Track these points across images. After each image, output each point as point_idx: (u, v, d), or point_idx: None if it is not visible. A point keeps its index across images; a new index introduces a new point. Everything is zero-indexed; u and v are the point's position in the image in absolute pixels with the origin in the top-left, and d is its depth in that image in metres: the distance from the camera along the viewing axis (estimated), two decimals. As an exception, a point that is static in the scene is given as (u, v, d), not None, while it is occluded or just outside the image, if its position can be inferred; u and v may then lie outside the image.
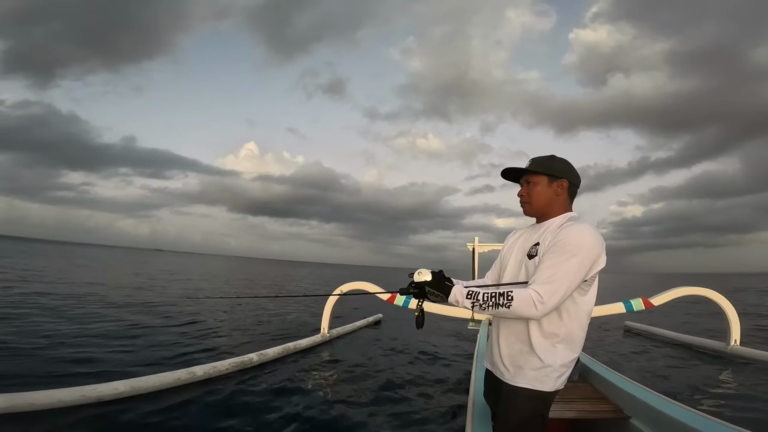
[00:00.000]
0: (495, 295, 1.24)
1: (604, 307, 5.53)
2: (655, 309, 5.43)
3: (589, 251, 1.23)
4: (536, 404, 1.30)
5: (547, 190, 1.38)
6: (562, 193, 1.38)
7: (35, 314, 6.39)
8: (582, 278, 1.24)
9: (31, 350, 4.31)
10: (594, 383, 2.70)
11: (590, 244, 1.24)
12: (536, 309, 1.19)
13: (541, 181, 1.39)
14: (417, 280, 1.34)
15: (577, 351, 1.32)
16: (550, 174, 1.38)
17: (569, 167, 1.40)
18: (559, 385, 1.30)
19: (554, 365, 1.27)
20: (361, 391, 3.72)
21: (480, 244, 7.17)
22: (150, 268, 25.60)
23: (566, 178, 1.38)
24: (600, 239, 1.27)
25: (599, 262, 1.26)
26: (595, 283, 1.32)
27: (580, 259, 1.22)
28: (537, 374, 1.27)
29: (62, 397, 2.80)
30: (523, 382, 1.29)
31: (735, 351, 5.38)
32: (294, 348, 5.11)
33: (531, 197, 1.41)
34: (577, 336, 1.31)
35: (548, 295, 1.19)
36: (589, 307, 1.33)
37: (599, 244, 1.26)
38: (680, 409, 1.84)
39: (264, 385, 3.75)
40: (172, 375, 3.50)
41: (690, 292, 5.62)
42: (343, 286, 6.02)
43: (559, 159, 1.41)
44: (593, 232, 1.26)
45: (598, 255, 1.26)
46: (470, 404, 2.13)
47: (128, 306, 8.30)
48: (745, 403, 3.54)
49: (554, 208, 1.39)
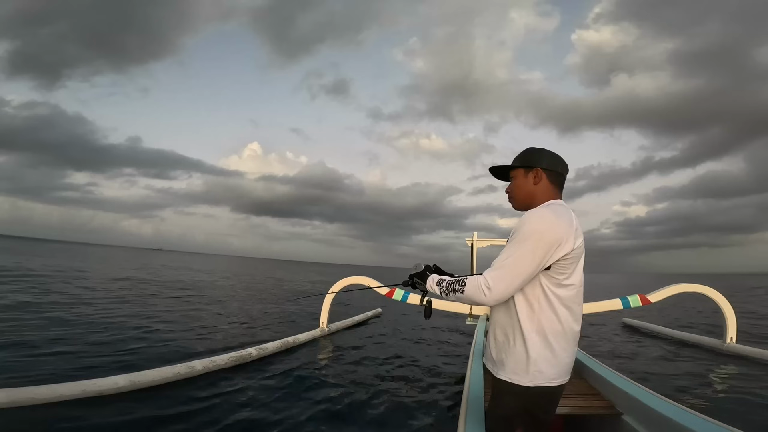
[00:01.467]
0: (453, 281, 1.31)
1: (600, 303, 5.56)
2: (652, 305, 5.46)
3: (541, 236, 1.18)
4: (517, 399, 1.26)
5: (525, 181, 1.36)
6: (540, 181, 1.34)
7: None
8: (538, 265, 1.19)
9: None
10: (587, 379, 2.73)
11: (543, 228, 1.19)
12: (484, 295, 1.20)
13: (518, 174, 1.39)
14: (411, 273, 1.50)
15: (560, 346, 1.24)
16: (523, 165, 1.37)
17: (542, 154, 1.36)
18: (543, 382, 1.24)
19: (531, 358, 1.23)
20: (359, 385, 3.76)
21: (479, 239, 7.18)
22: (154, 265, 25.65)
23: (539, 165, 1.34)
24: (559, 222, 1.20)
25: (561, 247, 1.19)
26: (574, 275, 1.25)
27: (531, 243, 1.18)
28: (515, 368, 1.25)
29: (63, 391, 2.83)
30: (504, 375, 1.28)
31: (731, 348, 5.42)
32: (293, 342, 5.15)
33: (513, 191, 1.41)
34: (557, 330, 1.23)
35: (495, 280, 1.18)
36: (568, 300, 1.25)
37: (556, 228, 1.19)
38: (672, 406, 1.86)
39: (263, 379, 3.79)
40: (172, 369, 3.53)
41: (687, 289, 5.65)
42: (342, 281, 6.06)
43: (532, 149, 1.39)
44: (549, 215, 1.21)
45: (558, 239, 1.18)
46: (464, 399, 2.15)
47: (121, 303, 8.34)
48: (738, 400, 3.56)
49: (537, 199, 1.34)
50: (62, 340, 4.64)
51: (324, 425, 2.88)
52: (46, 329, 5.08)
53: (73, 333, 5.03)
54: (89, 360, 4.00)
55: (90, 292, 9.10)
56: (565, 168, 1.38)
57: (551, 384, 1.25)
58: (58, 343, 4.45)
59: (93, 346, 4.50)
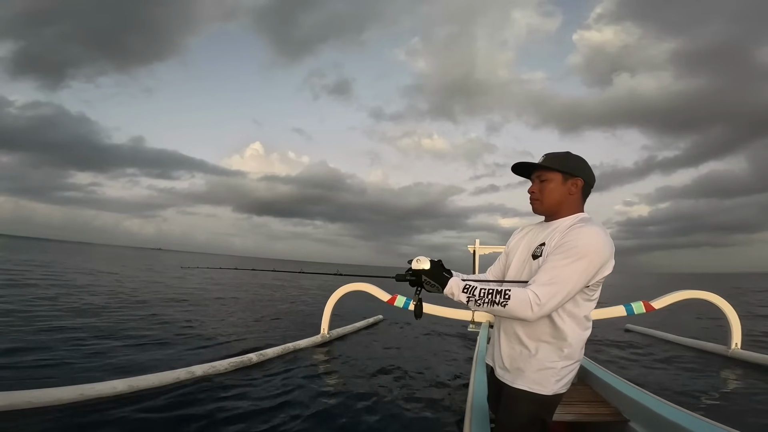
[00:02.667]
0: (492, 292, 1.19)
1: (604, 309, 5.52)
2: (656, 311, 5.41)
3: (597, 255, 1.17)
4: (536, 408, 1.26)
5: (561, 188, 1.30)
6: (575, 192, 1.30)
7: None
8: (585, 283, 1.19)
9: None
10: (593, 386, 2.69)
11: (599, 247, 1.18)
12: (532, 311, 1.14)
13: (554, 178, 1.31)
14: (415, 268, 1.32)
15: (577, 354, 1.28)
16: (564, 171, 1.30)
17: (585, 165, 1.33)
18: (560, 389, 1.26)
19: (554, 368, 1.24)
20: (360, 392, 3.71)
21: (481, 246, 7.14)
22: (160, 265, 25.66)
23: (581, 176, 1.30)
24: (610, 243, 1.21)
25: (606, 267, 1.21)
26: (599, 288, 1.28)
27: (586, 262, 1.16)
28: (536, 377, 1.24)
29: (61, 395, 2.81)
30: (522, 384, 1.26)
31: (736, 354, 5.36)
32: (293, 348, 5.10)
33: (543, 195, 1.33)
34: (578, 339, 1.27)
35: (546, 297, 1.13)
36: (589, 312, 1.28)
37: (608, 249, 1.20)
38: (679, 412, 1.84)
39: (263, 384, 3.75)
40: (171, 374, 3.51)
41: (691, 296, 5.60)
42: (343, 287, 6.02)
43: (574, 156, 1.33)
44: (604, 235, 1.20)
45: (606, 260, 1.20)
46: (469, 407, 2.12)
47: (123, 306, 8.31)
48: (744, 406, 3.52)
49: (565, 208, 1.31)
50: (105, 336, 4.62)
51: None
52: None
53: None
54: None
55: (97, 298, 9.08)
56: (595, 183, 1.36)
57: (564, 390, 1.28)
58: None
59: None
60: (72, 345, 4.65)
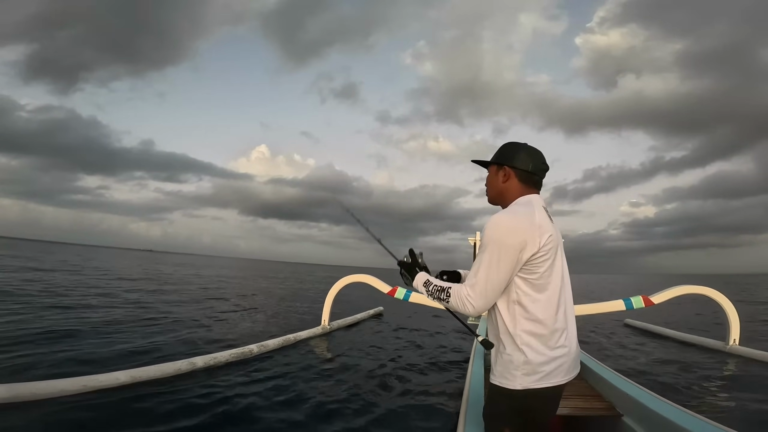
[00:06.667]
0: (440, 288, 1.28)
1: (603, 304, 5.53)
2: (655, 307, 5.43)
3: (500, 242, 1.16)
4: (505, 402, 1.24)
5: (495, 178, 1.35)
6: (508, 179, 1.31)
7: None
8: (508, 272, 1.17)
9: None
10: (588, 380, 2.71)
11: (498, 235, 1.17)
12: (469, 306, 1.20)
13: (491, 170, 1.37)
14: (399, 259, 1.50)
15: (541, 347, 1.19)
16: (495, 162, 1.35)
17: (515, 151, 1.31)
18: (530, 384, 1.19)
19: (516, 362, 1.20)
20: (359, 384, 3.76)
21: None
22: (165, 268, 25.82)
23: (508, 163, 1.30)
24: (516, 226, 1.17)
25: (526, 249, 1.16)
26: (552, 272, 1.21)
27: (492, 254, 1.17)
28: (502, 370, 1.24)
29: (64, 386, 2.86)
30: (494, 378, 1.28)
31: (733, 350, 5.38)
32: (294, 339, 5.16)
33: (486, 188, 1.41)
34: (538, 332, 1.19)
35: (475, 291, 1.18)
36: (549, 299, 1.21)
37: (514, 232, 1.16)
38: (673, 408, 1.85)
39: (263, 376, 3.80)
40: (173, 365, 3.55)
41: (690, 291, 5.61)
42: (344, 279, 6.07)
43: (508, 145, 1.35)
44: (504, 221, 1.19)
45: (519, 243, 1.15)
46: (464, 399, 2.15)
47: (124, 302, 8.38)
48: (739, 403, 3.53)
49: (506, 197, 1.32)
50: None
51: (323, 423, 2.88)
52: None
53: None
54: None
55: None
56: (538, 166, 1.30)
57: (540, 386, 1.19)
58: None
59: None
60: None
